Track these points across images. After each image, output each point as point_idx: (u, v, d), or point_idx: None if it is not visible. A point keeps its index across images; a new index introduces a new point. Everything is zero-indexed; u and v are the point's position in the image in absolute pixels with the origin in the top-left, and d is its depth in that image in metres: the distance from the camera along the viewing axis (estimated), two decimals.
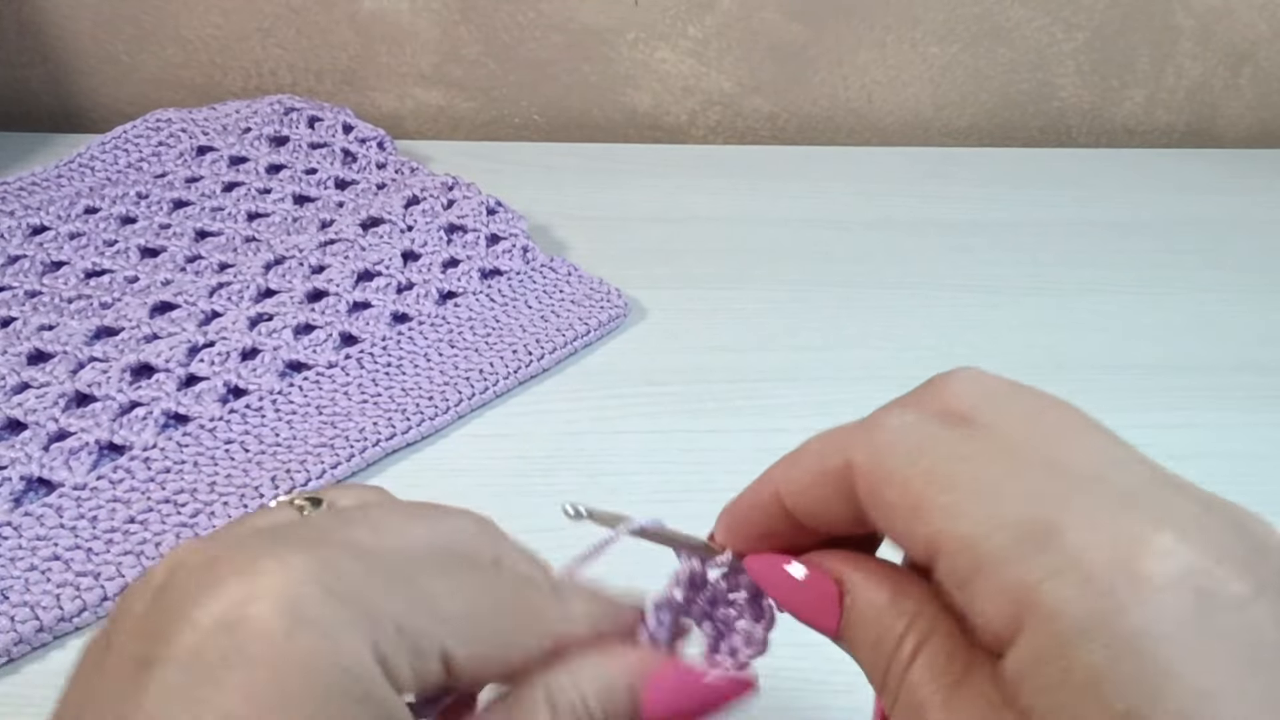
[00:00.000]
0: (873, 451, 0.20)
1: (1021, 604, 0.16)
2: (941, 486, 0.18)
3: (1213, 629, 0.15)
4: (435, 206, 0.57)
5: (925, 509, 0.18)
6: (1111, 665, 0.15)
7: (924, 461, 0.19)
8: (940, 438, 0.19)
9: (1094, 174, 0.70)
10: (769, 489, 0.22)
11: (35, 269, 0.53)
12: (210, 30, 0.70)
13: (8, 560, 0.38)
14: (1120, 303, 0.57)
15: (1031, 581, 0.16)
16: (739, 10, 0.70)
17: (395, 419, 0.45)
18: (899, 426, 0.20)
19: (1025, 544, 0.17)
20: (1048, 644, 0.16)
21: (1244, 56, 0.74)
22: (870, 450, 0.20)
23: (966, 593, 0.18)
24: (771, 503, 0.22)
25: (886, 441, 0.20)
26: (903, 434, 0.20)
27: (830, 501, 0.21)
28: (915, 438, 0.20)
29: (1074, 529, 0.16)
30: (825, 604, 0.21)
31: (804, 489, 0.21)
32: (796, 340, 0.53)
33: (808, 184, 0.67)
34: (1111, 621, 0.15)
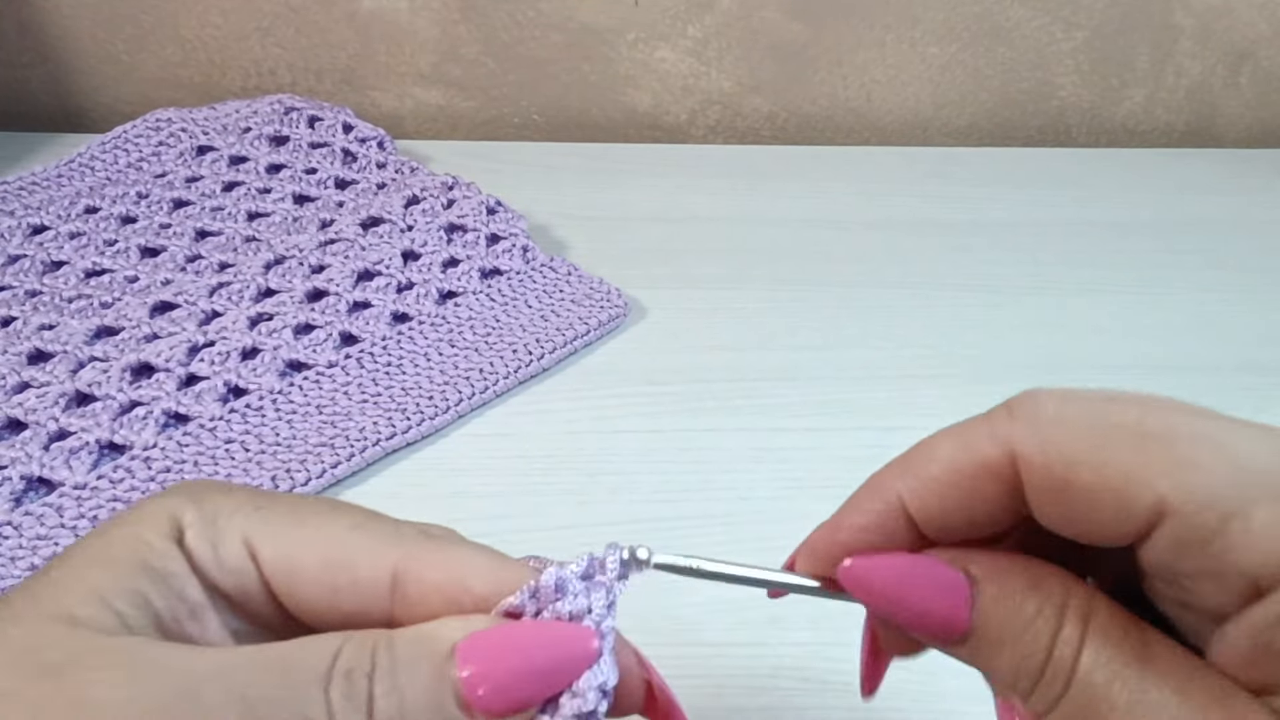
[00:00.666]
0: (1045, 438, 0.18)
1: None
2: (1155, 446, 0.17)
3: None
4: (435, 206, 0.57)
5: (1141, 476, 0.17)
6: None
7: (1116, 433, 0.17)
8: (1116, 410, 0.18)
9: (1094, 174, 0.70)
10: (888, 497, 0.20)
11: (35, 269, 0.53)
12: (210, 30, 0.70)
13: (8, 560, 0.38)
14: (1120, 303, 0.57)
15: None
16: (738, 10, 0.70)
17: (395, 419, 0.45)
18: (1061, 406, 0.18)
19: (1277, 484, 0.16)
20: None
21: (1244, 56, 0.74)
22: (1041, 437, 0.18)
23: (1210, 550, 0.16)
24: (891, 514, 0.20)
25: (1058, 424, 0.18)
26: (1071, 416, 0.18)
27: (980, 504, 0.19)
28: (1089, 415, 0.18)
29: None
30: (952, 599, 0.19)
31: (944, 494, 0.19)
32: (796, 340, 0.53)
33: (808, 184, 0.67)
34: None
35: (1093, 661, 0.17)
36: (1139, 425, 0.17)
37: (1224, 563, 0.16)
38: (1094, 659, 0.17)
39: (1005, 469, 0.18)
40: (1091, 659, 0.17)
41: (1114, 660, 0.17)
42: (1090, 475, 0.17)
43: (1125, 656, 0.17)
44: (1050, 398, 0.19)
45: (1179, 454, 0.17)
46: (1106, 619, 0.18)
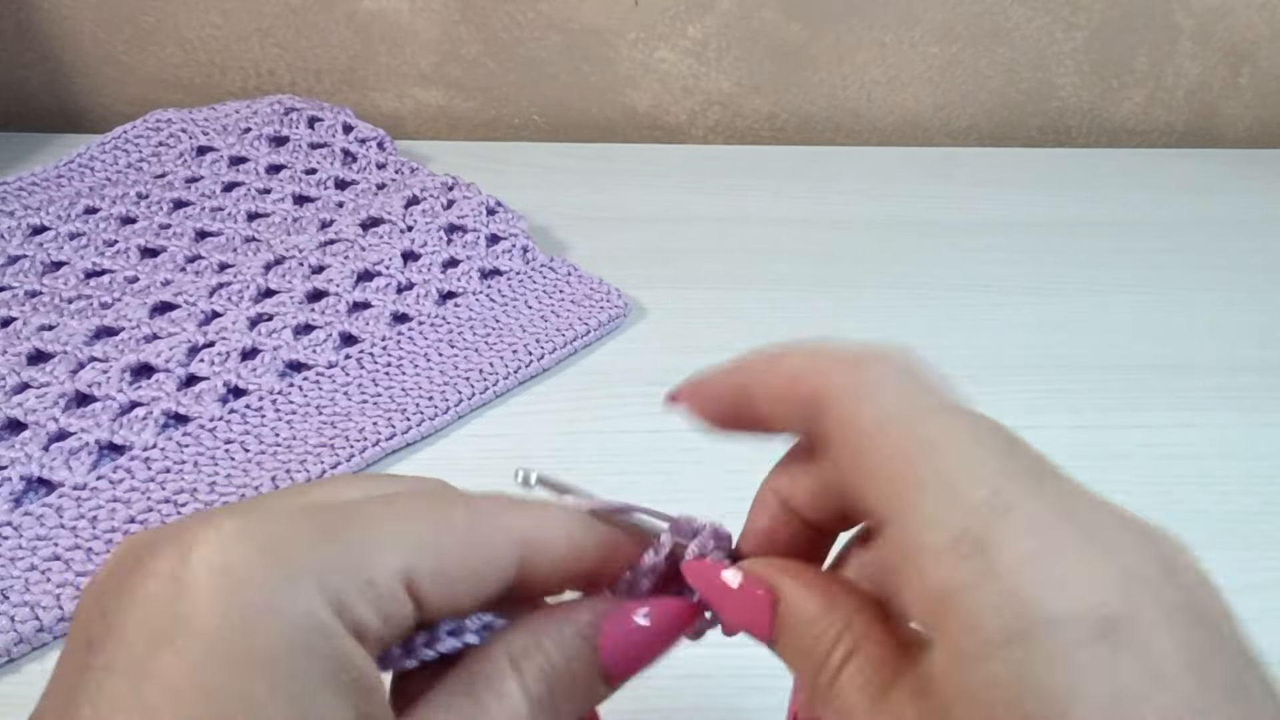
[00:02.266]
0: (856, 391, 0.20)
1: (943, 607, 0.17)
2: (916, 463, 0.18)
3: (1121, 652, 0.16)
4: (435, 206, 0.57)
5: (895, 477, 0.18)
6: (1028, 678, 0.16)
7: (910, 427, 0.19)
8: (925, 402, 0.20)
9: (1094, 174, 0.70)
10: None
11: (35, 269, 0.53)
12: (210, 30, 0.70)
13: (8, 560, 0.38)
14: (1120, 303, 0.57)
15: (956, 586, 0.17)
16: (738, 10, 0.70)
17: (395, 419, 0.45)
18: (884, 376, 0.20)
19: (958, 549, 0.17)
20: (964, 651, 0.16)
21: (1243, 56, 0.74)
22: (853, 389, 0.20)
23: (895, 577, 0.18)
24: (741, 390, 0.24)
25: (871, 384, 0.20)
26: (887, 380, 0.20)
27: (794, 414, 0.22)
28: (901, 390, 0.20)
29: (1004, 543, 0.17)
30: (759, 611, 0.21)
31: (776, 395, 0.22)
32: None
33: (808, 184, 0.67)
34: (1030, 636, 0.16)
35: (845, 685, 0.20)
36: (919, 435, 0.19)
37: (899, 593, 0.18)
38: (845, 685, 0.20)
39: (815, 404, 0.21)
40: (844, 685, 0.20)
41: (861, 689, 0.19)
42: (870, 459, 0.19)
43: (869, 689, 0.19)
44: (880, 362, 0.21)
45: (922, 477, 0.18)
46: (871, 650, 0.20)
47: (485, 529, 0.21)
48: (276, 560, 0.17)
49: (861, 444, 0.19)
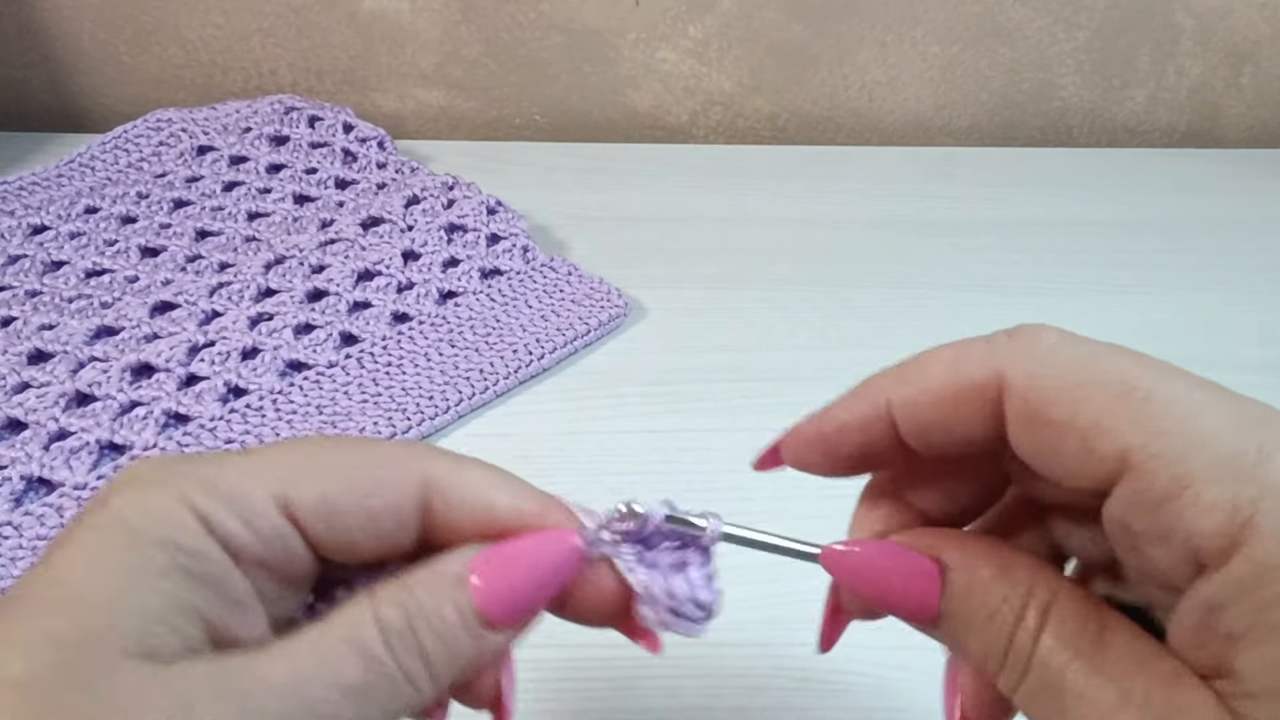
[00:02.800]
0: (1034, 367, 0.18)
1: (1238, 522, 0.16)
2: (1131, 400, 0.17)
3: None
4: (435, 206, 0.57)
5: (1111, 425, 0.17)
6: None
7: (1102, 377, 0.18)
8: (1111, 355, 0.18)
9: (1094, 174, 0.70)
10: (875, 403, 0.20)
11: (35, 269, 0.53)
12: (210, 30, 0.70)
13: (8, 560, 0.38)
14: (1120, 302, 0.57)
15: (1249, 498, 0.16)
16: (739, 10, 0.70)
17: (395, 419, 0.45)
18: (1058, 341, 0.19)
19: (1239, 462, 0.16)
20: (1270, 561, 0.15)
21: (1245, 56, 0.74)
22: (1031, 365, 0.18)
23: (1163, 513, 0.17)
24: (876, 419, 0.20)
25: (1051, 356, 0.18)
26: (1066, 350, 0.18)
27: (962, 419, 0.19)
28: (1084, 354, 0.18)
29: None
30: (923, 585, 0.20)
31: (932, 403, 0.20)
32: (796, 340, 0.53)
33: (808, 184, 0.67)
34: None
35: (1049, 648, 0.18)
36: (1122, 377, 0.18)
37: (1172, 528, 0.17)
38: (1051, 646, 0.18)
39: (991, 391, 0.19)
40: (1049, 646, 0.18)
41: (1069, 647, 0.18)
42: (1063, 413, 0.18)
43: (1080, 644, 0.18)
44: (1050, 333, 0.19)
45: (1151, 412, 0.17)
46: (1067, 607, 0.18)
47: (382, 467, 0.21)
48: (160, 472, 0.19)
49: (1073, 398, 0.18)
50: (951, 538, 0.20)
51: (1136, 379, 0.18)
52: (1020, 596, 0.19)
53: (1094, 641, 0.18)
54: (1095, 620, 0.18)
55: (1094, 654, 0.17)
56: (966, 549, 0.20)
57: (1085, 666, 0.17)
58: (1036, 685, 0.18)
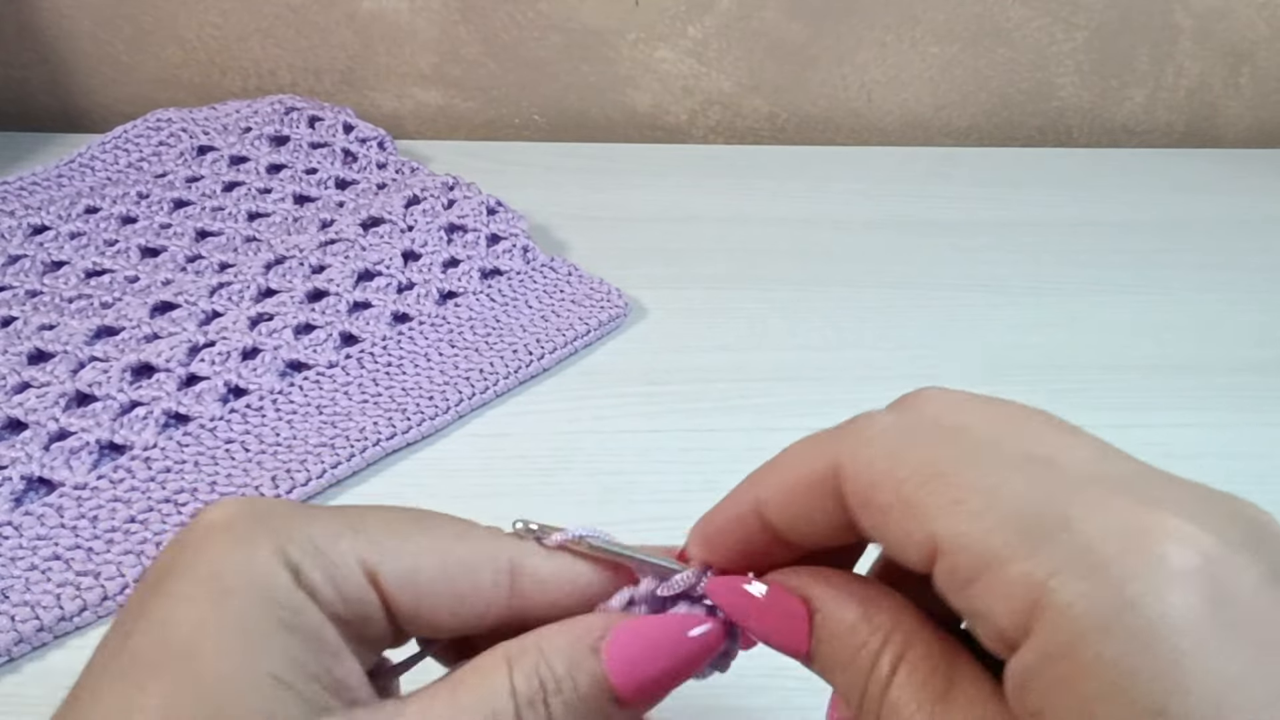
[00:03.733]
0: (861, 452, 0.19)
1: (1031, 601, 0.16)
2: (938, 484, 0.17)
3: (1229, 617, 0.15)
4: (435, 206, 0.57)
5: (922, 508, 0.17)
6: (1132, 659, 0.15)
7: (916, 459, 0.18)
8: (929, 438, 0.19)
9: (1094, 174, 0.70)
10: (747, 500, 0.21)
11: (36, 269, 0.53)
12: (210, 30, 0.70)
13: (8, 560, 0.38)
14: (1120, 303, 0.57)
15: (1040, 577, 0.16)
16: (739, 10, 0.70)
17: (395, 419, 0.45)
18: (886, 427, 0.19)
19: (1032, 538, 0.16)
20: (1062, 640, 0.15)
21: (1243, 56, 0.74)
22: (858, 451, 0.19)
23: (969, 593, 0.17)
24: (750, 515, 0.21)
25: (874, 441, 0.19)
26: (891, 434, 0.19)
27: (815, 510, 0.20)
28: (904, 437, 0.19)
29: (1081, 520, 0.16)
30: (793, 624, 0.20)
31: (787, 498, 0.20)
32: (796, 340, 0.53)
33: (808, 184, 0.67)
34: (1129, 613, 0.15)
35: (897, 699, 0.18)
36: (933, 460, 0.18)
37: (977, 609, 0.17)
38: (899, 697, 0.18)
39: (832, 481, 0.19)
40: (897, 697, 0.18)
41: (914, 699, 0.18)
42: (885, 498, 0.18)
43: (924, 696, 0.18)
44: (881, 419, 0.20)
45: (956, 495, 0.17)
46: (919, 658, 0.19)
47: (469, 547, 0.21)
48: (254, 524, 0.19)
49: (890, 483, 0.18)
50: (820, 577, 0.21)
51: (945, 460, 0.18)
52: (878, 642, 0.19)
53: (939, 695, 0.18)
54: (944, 672, 0.18)
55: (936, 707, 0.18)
56: (834, 590, 0.20)
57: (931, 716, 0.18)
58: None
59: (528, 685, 0.20)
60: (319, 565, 0.19)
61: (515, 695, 0.20)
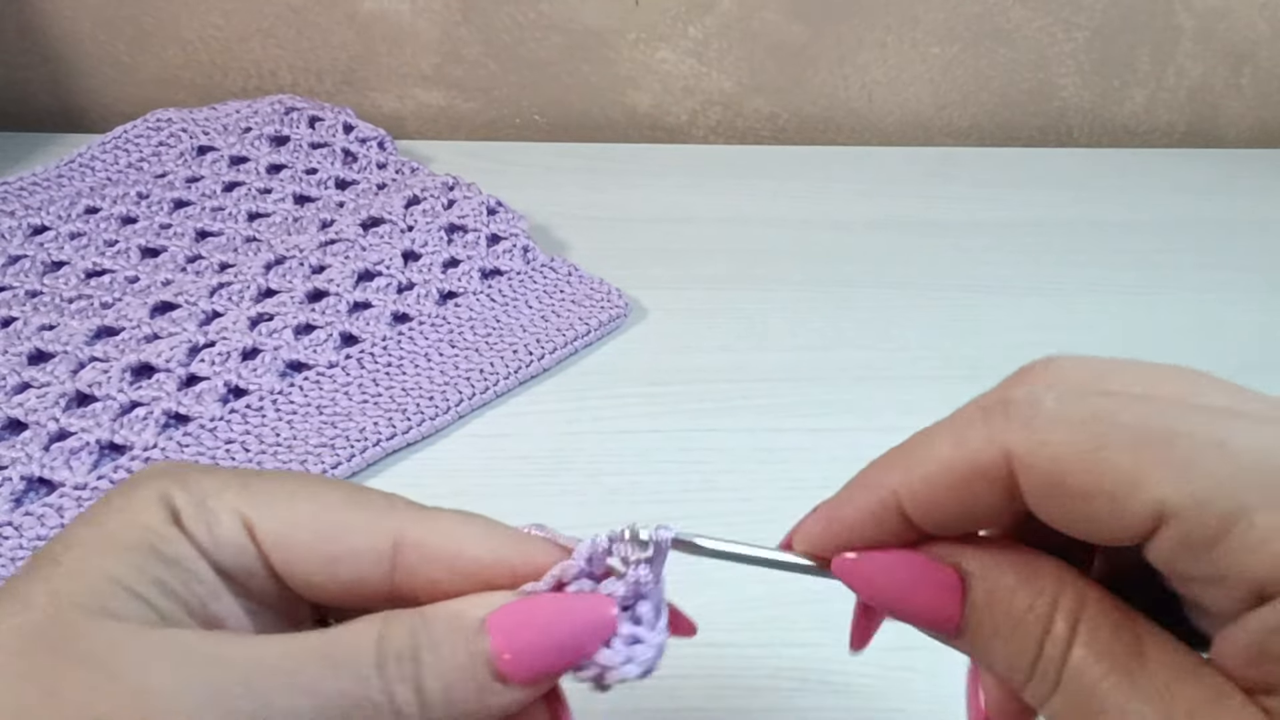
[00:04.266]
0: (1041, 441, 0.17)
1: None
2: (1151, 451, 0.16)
3: None
4: (436, 206, 0.57)
5: (1138, 479, 0.16)
6: None
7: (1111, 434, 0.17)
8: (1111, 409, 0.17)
9: (1095, 174, 0.70)
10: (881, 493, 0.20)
11: (36, 269, 0.53)
12: (211, 31, 0.70)
13: (8, 560, 0.38)
14: (1120, 303, 0.57)
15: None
16: (739, 10, 0.70)
17: (396, 419, 0.45)
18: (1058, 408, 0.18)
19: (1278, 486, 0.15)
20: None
21: (1245, 56, 0.74)
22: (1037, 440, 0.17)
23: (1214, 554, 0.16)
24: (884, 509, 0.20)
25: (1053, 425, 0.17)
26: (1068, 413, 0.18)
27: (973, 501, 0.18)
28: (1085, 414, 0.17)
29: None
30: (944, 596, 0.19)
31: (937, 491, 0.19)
32: (796, 340, 0.53)
33: (808, 184, 0.67)
34: None
35: (1082, 660, 0.17)
36: (1138, 426, 0.17)
37: (1228, 567, 0.16)
38: (1083, 657, 0.17)
39: (1001, 470, 0.18)
40: (1081, 657, 0.17)
41: (1103, 659, 0.17)
42: (1086, 479, 0.17)
43: (1115, 655, 0.17)
44: (1047, 396, 0.18)
45: (1179, 456, 0.16)
46: (1098, 616, 0.18)
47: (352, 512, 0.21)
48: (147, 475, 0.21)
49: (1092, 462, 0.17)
50: (970, 543, 0.19)
51: (1154, 424, 0.17)
52: (1047, 604, 0.18)
53: (1129, 654, 0.17)
54: (1129, 631, 0.17)
55: (1130, 668, 0.17)
56: (987, 555, 0.19)
57: (1122, 682, 0.17)
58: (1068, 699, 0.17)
59: (398, 640, 0.19)
60: (199, 512, 0.20)
61: (382, 642, 0.19)
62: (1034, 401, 0.18)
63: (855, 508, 0.20)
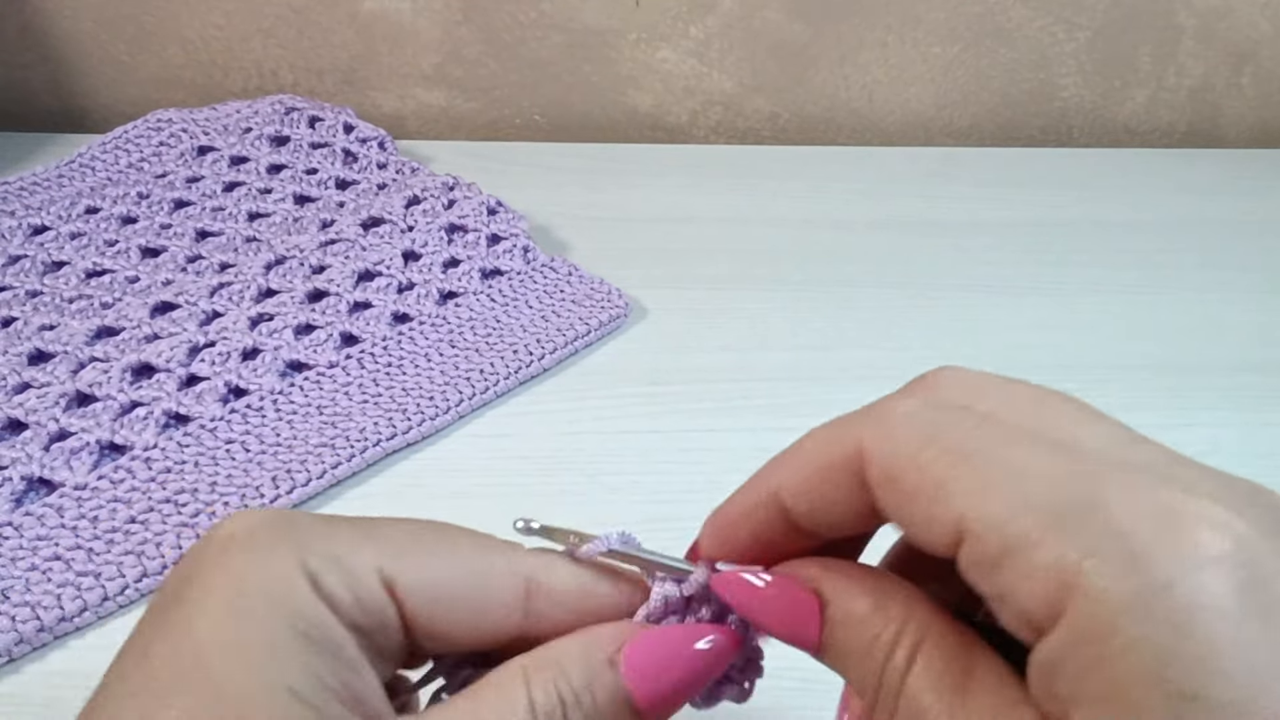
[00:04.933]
0: (885, 436, 0.19)
1: (1062, 585, 0.15)
2: (965, 467, 0.17)
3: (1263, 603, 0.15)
4: (436, 206, 0.57)
5: (949, 491, 0.17)
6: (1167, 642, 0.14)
7: (943, 443, 0.18)
8: (954, 421, 0.18)
9: (1096, 174, 0.70)
10: (764, 490, 0.21)
11: (36, 269, 0.53)
12: (211, 30, 0.70)
13: (9, 560, 0.38)
14: (1121, 303, 0.57)
15: (1073, 560, 0.15)
16: (740, 10, 0.70)
17: (396, 419, 0.45)
18: (911, 411, 0.19)
19: (1062, 521, 0.16)
20: (1093, 625, 0.15)
21: (1246, 56, 0.74)
22: (883, 435, 0.19)
23: (997, 577, 0.17)
24: (767, 506, 0.21)
25: (900, 425, 0.19)
26: (916, 417, 0.19)
27: (836, 495, 0.20)
28: (930, 420, 0.19)
29: (1113, 504, 0.16)
30: (803, 616, 0.20)
31: (806, 483, 0.20)
32: (796, 340, 0.53)
33: (808, 184, 0.67)
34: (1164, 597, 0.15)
35: (915, 689, 0.18)
36: (961, 441, 0.18)
37: (1004, 592, 0.17)
38: (916, 686, 0.18)
39: (855, 464, 0.19)
40: (915, 686, 0.18)
41: (933, 689, 0.18)
42: (910, 482, 0.18)
43: (944, 687, 0.18)
44: (906, 403, 0.19)
45: (984, 476, 0.17)
46: (935, 647, 0.18)
47: (487, 560, 0.21)
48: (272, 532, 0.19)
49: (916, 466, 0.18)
50: (832, 569, 0.20)
51: (974, 444, 0.18)
52: (892, 634, 0.19)
53: (956, 685, 0.18)
54: (962, 662, 0.18)
55: (954, 697, 0.18)
56: (845, 581, 0.20)
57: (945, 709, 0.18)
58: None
59: (546, 699, 0.20)
60: (338, 574, 0.19)
61: (534, 709, 0.20)
62: (890, 407, 0.19)
63: (738, 506, 0.22)
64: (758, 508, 0.21)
